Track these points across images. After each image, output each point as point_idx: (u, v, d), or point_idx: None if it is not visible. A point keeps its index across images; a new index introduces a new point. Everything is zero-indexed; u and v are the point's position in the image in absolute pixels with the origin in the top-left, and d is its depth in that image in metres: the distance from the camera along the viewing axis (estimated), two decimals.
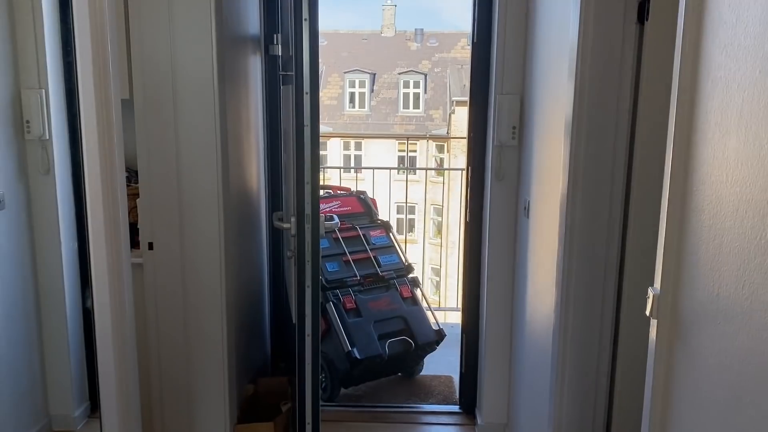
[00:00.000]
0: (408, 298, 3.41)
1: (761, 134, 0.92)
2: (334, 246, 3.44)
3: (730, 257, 1.00)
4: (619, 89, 1.79)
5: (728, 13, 1.02)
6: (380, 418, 3.06)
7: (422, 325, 3.34)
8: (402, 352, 3.23)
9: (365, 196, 3.79)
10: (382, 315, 3.29)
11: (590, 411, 2.02)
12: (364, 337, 3.16)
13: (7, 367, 2.52)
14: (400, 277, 3.47)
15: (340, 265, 3.38)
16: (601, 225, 1.86)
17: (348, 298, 3.26)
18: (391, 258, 3.54)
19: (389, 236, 3.64)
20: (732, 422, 0.98)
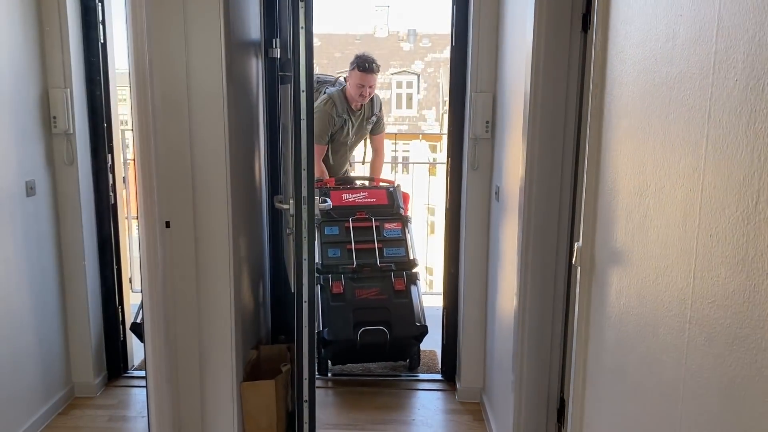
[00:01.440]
0: (400, 291, 3.39)
1: (638, 120, 1.25)
2: (343, 234, 3.55)
3: (620, 219, 1.33)
4: (567, 87, 2.13)
5: (620, 26, 1.36)
6: (371, 385, 3.39)
7: (404, 319, 3.32)
8: (376, 342, 3.25)
9: (396, 190, 3.82)
10: (366, 304, 3.34)
11: (546, 365, 2.36)
12: (339, 321, 3.27)
13: (36, 338, 2.84)
14: (399, 270, 3.46)
15: (341, 252, 3.49)
16: (553, 203, 2.19)
17: (337, 283, 3.37)
18: (397, 251, 3.55)
19: (404, 230, 3.65)
20: (624, 328, 1.32)
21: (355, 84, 3.76)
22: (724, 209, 0.92)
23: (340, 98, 3.84)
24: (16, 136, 2.66)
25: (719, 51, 0.95)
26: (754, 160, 0.85)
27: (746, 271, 0.86)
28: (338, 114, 3.83)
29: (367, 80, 3.74)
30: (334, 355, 3.36)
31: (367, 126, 3.98)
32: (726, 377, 0.91)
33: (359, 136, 4.02)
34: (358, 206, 3.70)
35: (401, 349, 3.41)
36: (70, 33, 2.85)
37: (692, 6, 1.04)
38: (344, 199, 3.72)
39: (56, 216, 2.96)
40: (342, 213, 3.63)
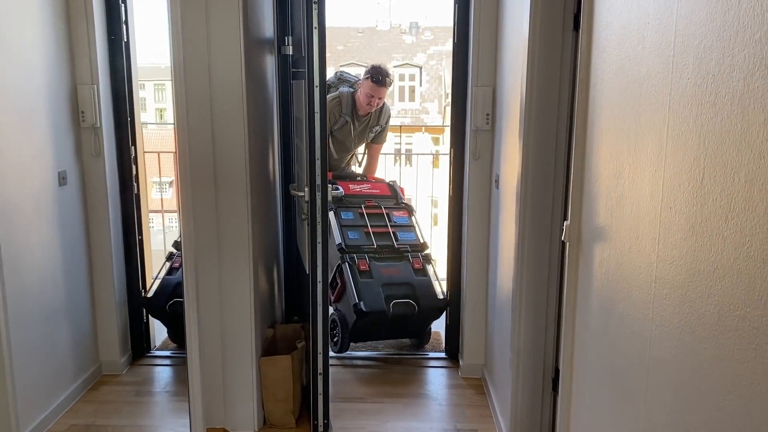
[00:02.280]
0: (419, 270, 3.66)
1: (616, 112, 1.45)
2: (358, 219, 3.83)
3: (602, 199, 1.53)
4: (560, 82, 2.31)
5: (602, 29, 1.55)
6: (380, 362, 3.60)
7: (428, 293, 3.58)
8: (406, 313, 3.49)
9: (394, 184, 4.18)
10: (392, 280, 3.58)
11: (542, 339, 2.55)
12: (372, 294, 3.48)
13: (67, 319, 3.05)
14: (414, 252, 3.74)
15: (360, 235, 3.76)
16: (547, 189, 2.39)
17: (363, 261, 3.61)
18: (409, 235, 3.83)
19: (411, 218, 3.96)
20: (605, 293, 1.52)
21: (365, 93, 3.91)
22: (680, 185, 1.12)
23: (347, 99, 3.99)
24: (49, 130, 2.87)
25: (676, 54, 1.14)
26: (701, 144, 1.04)
27: (695, 235, 1.06)
28: (341, 113, 4.00)
29: (378, 92, 3.90)
30: (364, 328, 3.52)
31: (370, 134, 4.15)
32: (681, 323, 1.11)
33: (361, 139, 4.19)
34: (366, 195, 3.98)
35: (425, 322, 3.71)
36: (96, 32, 3.05)
37: (656, 14, 1.23)
38: (352, 188, 4.01)
39: (85, 204, 3.16)
40: (353, 200, 3.91)
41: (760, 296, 0.87)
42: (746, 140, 0.91)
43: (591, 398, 1.65)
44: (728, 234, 0.96)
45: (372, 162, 4.37)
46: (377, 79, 3.87)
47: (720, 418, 0.97)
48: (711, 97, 1.01)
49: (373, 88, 3.89)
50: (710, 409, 1.00)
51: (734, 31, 0.95)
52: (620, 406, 1.43)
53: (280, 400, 2.89)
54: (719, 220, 0.98)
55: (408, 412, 3.07)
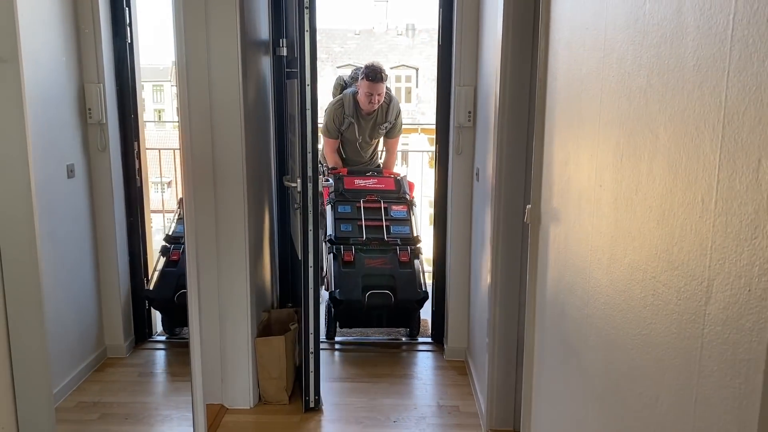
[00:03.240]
0: (404, 262, 3.74)
1: (564, 107, 1.66)
2: (354, 213, 3.95)
3: (555, 184, 1.74)
4: (531, 81, 2.52)
5: (556, 32, 1.76)
6: (370, 346, 3.80)
7: (408, 285, 3.65)
8: (382, 304, 3.60)
9: (403, 179, 4.24)
10: (373, 271, 3.68)
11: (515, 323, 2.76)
12: (349, 284, 3.61)
13: (74, 304, 3.24)
14: (404, 245, 3.81)
15: (352, 227, 3.88)
16: (519, 180, 2.59)
17: (348, 253, 3.73)
18: (402, 229, 3.92)
19: (409, 212, 4.04)
20: (557, 267, 1.73)
21: (364, 92, 4.06)
22: (607, 166, 1.33)
23: (349, 101, 4.16)
24: (58, 126, 3.07)
25: (605, 55, 1.35)
26: (620, 131, 1.25)
27: (617, 208, 1.26)
28: (345, 114, 4.17)
29: (374, 89, 4.03)
30: (343, 316, 3.69)
31: (380, 130, 4.28)
32: (607, 282, 1.31)
33: (372, 137, 4.32)
34: (368, 190, 4.08)
35: (404, 314, 3.76)
36: (102, 35, 3.25)
37: (593, 21, 1.44)
38: (356, 183, 4.12)
39: (91, 196, 3.36)
40: (354, 195, 4.02)
41: (657, 253, 1.08)
42: (648, 126, 1.12)
43: (547, 363, 1.86)
44: (637, 204, 1.17)
45: (390, 157, 4.50)
46: (372, 76, 4.00)
47: (629, 359, 1.17)
48: (626, 92, 1.22)
49: (369, 86, 4.02)
50: (627, 351, 1.20)
51: (642, 35, 1.16)
52: (566, 365, 1.63)
53: (274, 378, 3.09)
54: (631, 192, 1.19)
55: (394, 391, 3.27)
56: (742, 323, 0.81)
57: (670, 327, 1.02)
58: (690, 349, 0.95)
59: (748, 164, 0.80)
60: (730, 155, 0.85)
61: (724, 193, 0.86)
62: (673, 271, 1.01)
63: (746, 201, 0.80)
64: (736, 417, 0.83)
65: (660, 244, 1.06)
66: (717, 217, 0.88)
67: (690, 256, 0.95)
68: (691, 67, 0.96)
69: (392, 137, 4.39)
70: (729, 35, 0.85)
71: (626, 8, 1.23)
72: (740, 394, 0.81)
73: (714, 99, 0.89)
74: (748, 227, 0.80)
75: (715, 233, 0.88)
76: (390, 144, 4.45)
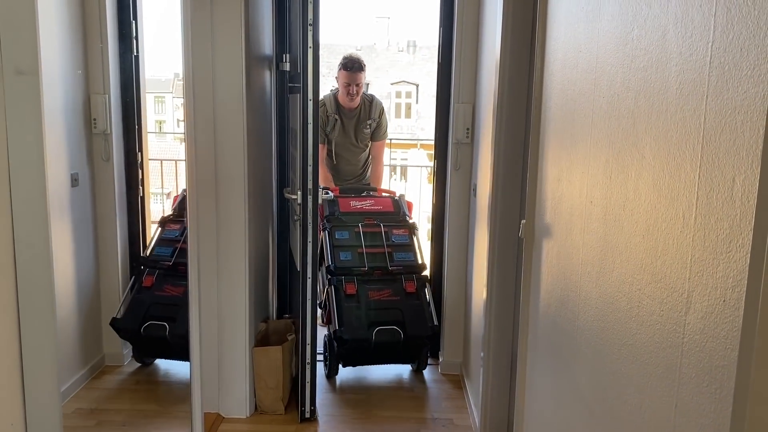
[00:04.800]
0: (411, 294, 3.46)
1: (558, 125, 1.72)
2: (353, 239, 3.63)
3: (548, 200, 1.80)
4: (528, 99, 2.58)
5: (551, 53, 1.83)
6: None
7: (417, 319, 3.38)
8: (390, 341, 3.31)
9: (401, 199, 3.96)
10: (379, 304, 3.39)
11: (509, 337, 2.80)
12: (354, 321, 3.32)
13: (76, 311, 3.28)
14: (409, 274, 3.53)
15: (353, 256, 3.56)
16: (515, 197, 2.65)
17: (350, 284, 3.43)
18: (406, 255, 3.61)
19: (411, 236, 3.71)
20: (549, 280, 1.78)
21: (342, 84, 3.98)
22: (597, 183, 1.38)
23: (330, 100, 4.10)
24: (64, 135, 3.12)
25: (597, 77, 1.41)
26: (610, 150, 1.31)
27: (605, 223, 1.32)
28: (328, 113, 4.07)
29: (353, 78, 3.95)
30: (348, 355, 3.40)
31: (365, 130, 4.16)
32: (596, 294, 1.36)
33: (358, 138, 4.17)
34: (366, 213, 3.81)
35: (414, 350, 3.50)
36: (109, 47, 3.32)
37: (586, 44, 1.50)
38: (352, 206, 3.84)
39: (94, 205, 3.41)
40: (351, 219, 3.75)
41: (642, 266, 1.13)
42: (636, 146, 1.18)
43: (540, 376, 1.90)
44: (624, 219, 1.22)
45: (377, 166, 4.33)
46: (349, 66, 3.95)
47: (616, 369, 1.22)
48: (616, 112, 1.28)
49: (347, 76, 3.95)
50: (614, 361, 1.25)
51: (630, 59, 1.22)
52: (558, 377, 1.68)
53: (270, 387, 3.12)
54: (619, 208, 1.25)
55: (389, 403, 3.30)
56: (718, 332, 0.86)
57: (653, 337, 1.07)
58: (671, 358, 1.00)
59: (723, 182, 0.85)
60: (708, 174, 0.90)
61: (703, 210, 0.91)
62: (656, 284, 1.06)
63: (722, 217, 0.85)
64: (712, 421, 0.88)
65: (645, 258, 1.12)
66: (696, 231, 0.93)
67: (672, 269, 1.01)
68: (674, 90, 1.02)
69: (378, 139, 4.26)
70: (708, 62, 0.91)
71: (616, 33, 1.29)
72: (716, 399, 0.86)
73: (694, 121, 0.95)
74: (724, 241, 0.85)
75: (694, 247, 0.93)
76: (376, 149, 4.30)
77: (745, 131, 0.81)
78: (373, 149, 4.31)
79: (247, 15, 2.89)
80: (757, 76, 0.78)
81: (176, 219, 3.60)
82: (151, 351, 3.55)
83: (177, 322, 3.23)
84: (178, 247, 3.47)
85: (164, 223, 3.61)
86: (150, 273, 3.43)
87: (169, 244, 3.52)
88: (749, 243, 0.78)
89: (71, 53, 3.17)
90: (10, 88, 1.31)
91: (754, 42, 0.79)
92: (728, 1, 0.86)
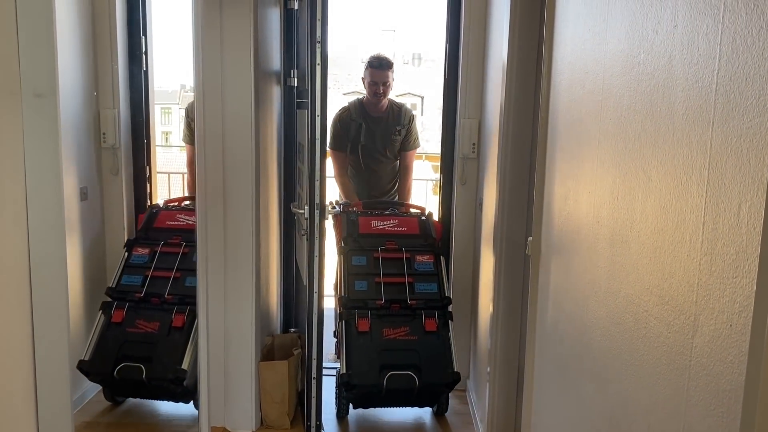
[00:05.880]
0: (431, 332, 3.10)
1: (564, 144, 1.73)
2: (371, 266, 3.29)
3: (555, 218, 1.81)
4: (534, 116, 2.60)
5: (557, 74, 1.85)
6: None
7: (435, 364, 3.03)
8: (404, 387, 2.98)
9: (428, 219, 3.57)
10: (394, 345, 3.06)
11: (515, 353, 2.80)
12: (365, 363, 3.01)
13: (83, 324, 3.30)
14: (430, 309, 3.17)
15: (368, 286, 3.22)
16: (521, 213, 2.66)
17: (363, 320, 3.10)
18: (429, 286, 3.25)
19: (437, 263, 3.35)
20: (557, 298, 1.79)
21: (368, 83, 3.73)
22: (603, 204, 1.40)
23: (355, 105, 3.86)
24: (74, 149, 3.16)
25: (603, 99, 1.43)
26: (616, 171, 1.32)
27: (612, 243, 1.33)
28: (351, 118, 3.80)
29: (380, 76, 3.69)
30: (357, 399, 3.13)
31: (394, 137, 3.85)
32: (604, 314, 1.37)
33: (386, 146, 3.87)
34: (387, 235, 3.45)
35: (431, 396, 3.17)
36: (120, 65, 3.36)
37: (593, 66, 1.52)
38: (373, 226, 3.49)
39: (103, 219, 3.44)
40: (370, 242, 3.40)
41: (649, 288, 1.14)
42: (642, 168, 1.19)
43: (546, 393, 1.91)
44: (632, 240, 1.23)
45: (406, 177, 3.97)
46: (376, 64, 3.71)
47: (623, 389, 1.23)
48: (622, 134, 1.30)
49: (373, 74, 3.70)
50: (621, 381, 1.26)
51: (637, 82, 1.23)
52: (565, 395, 1.68)
53: (276, 402, 3.13)
54: (626, 229, 1.26)
55: (395, 418, 3.30)
56: (725, 356, 0.87)
57: (660, 358, 1.08)
58: (679, 380, 1.01)
59: (730, 209, 0.87)
60: (714, 199, 0.91)
61: (709, 234, 0.92)
62: (663, 306, 1.07)
63: (728, 243, 0.87)
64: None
65: (652, 280, 1.13)
66: (703, 256, 0.94)
67: (679, 292, 1.02)
68: (681, 115, 1.03)
69: (408, 149, 3.92)
70: (714, 89, 0.93)
71: (623, 56, 1.31)
72: (723, 423, 0.87)
73: (700, 146, 0.96)
74: (730, 267, 0.86)
75: (701, 271, 0.95)
76: (406, 159, 3.95)
77: (751, 158, 0.82)
78: (403, 160, 3.97)
79: (257, 31, 2.93)
80: (762, 105, 0.80)
81: (144, 242, 3.34)
82: (125, 392, 3.29)
83: (154, 362, 2.98)
84: (149, 275, 3.21)
85: (131, 246, 3.33)
86: (119, 306, 3.13)
87: (138, 271, 3.23)
88: (755, 270, 0.79)
89: (82, 70, 3.21)
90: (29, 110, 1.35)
91: (758, 72, 0.81)
92: (733, 31, 0.87)
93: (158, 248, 3.29)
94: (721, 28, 0.91)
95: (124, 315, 3.11)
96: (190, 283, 3.13)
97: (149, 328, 3.09)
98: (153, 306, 3.14)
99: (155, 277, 3.21)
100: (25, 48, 1.32)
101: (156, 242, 3.33)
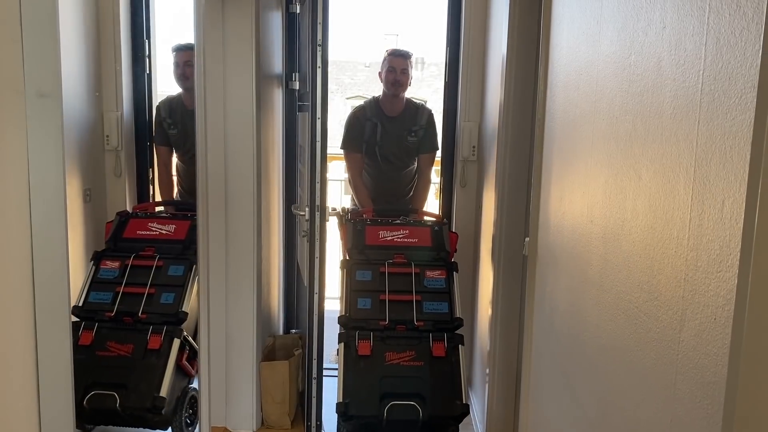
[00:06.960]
0: (439, 358, 2.79)
1: (560, 146, 1.76)
2: (377, 281, 3.01)
3: (550, 219, 1.83)
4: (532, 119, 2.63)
5: (553, 76, 1.87)
6: None
7: (441, 394, 2.74)
8: (407, 419, 2.71)
9: (442, 229, 3.26)
10: (397, 371, 2.78)
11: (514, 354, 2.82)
12: (364, 392, 2.75)
13: None
14: (439, 331, 2.86)
15: (372, 304, 2.95)
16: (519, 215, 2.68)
17: (364, 343, 2.82)
18: (439, 306, 2.95)
19: (449, 280, 3.04)
20: (553, 297, 1.81)
21: (386, 71, 3.51)
22: (596, 203, 1.42)
23: (371, 103, 3.68)
24: (78, 151, 3.19)
25: (597, 100, 1.45)
26: (609, 170, 1.35)
27: (605, 241, 1.35)
28: (367, 117, 3.61)
29: (397, 63, 3.48)
30: (355, 431, 2.88)
31: (411, 138, 3.60)
32: (597, 312, 1.39)
33: (401, 149, 3.64)
34: (396, 247, 3.17)
35: (436, 429, 2.82)
36: (123, 65, 3.40)
37: (586, 67, 1.54)
38: (380, 237, 3.21)
39: (105, 219, 3.47)
40: (377, 255, 3.13)
41: (639, 284, 1.16)
42: (633, 167, 1.21)
43: (544, 393, 1.93)
44: (623, 238, 1.25)
45: (422, 182, 3.72)
46: (395, 52, 3.55)
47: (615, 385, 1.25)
48: (614, 134, 1.32)
49: (392, 60, 3.49)
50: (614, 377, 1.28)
51: (628, 83, 1.26)
52: (562, 394, 1.70)
53: (277, 402, 3.15)
54: (618, 228, 1.28)
55: None
56: (709, 349, 0.89)
57: (649, 353, 1.10)
58: (667, 374, 1.03)
59: (714, 205, 0.89)
60: (700, 196, 0.94)
61: (695, 231, 0.95)
62: (653, 302, 1.09)
63: (713, 238, 0.89)
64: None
65: (642, 276, 1.15)
66: (689, 251, 0.96)
67: (667, 287, 1.04)
68: (669, 115, 1.06)
69: (425, 151, 3.63)
70: (699, 89, 0.95)
71: (615, 58, 1.34)
72: (707, 415, 0.89)
73: (687, 145, 0.98)
74: (715, 261, 0.88)
75: (687, 266, 0.97)
76: (423, 163, 3.67)
77: (734, 156, 0.84)
78: (420, 163, 3.69)
79: (258, 35, 2.96)
80: (744, 104, 0.82)
81: (114, 254, 3.05)
82: (95, 421, 2.91)
83: (129, 389, 2.69)
84: (120, 291, 2.91)
85: (99, 259, 3.02)
86: (87, 327, 2.81)
87: (107, 287, 2.92)
88: (737, 264, 0.81)
89: (86, 72, 3.25)
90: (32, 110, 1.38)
91: (740, 71, 0.83)
92: (717, 32, 0.90)
93: (129, 261, 3.00)
94: (706, 29, 0.93)
95: (93, 336, 2.78)
96: (167, 300, 2.91)
97: (122, 351, 2.78)
98: (126, 326, 2.83)
99: (127, 293, 2.91)
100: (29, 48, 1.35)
101: (127, 254, 3.03)
